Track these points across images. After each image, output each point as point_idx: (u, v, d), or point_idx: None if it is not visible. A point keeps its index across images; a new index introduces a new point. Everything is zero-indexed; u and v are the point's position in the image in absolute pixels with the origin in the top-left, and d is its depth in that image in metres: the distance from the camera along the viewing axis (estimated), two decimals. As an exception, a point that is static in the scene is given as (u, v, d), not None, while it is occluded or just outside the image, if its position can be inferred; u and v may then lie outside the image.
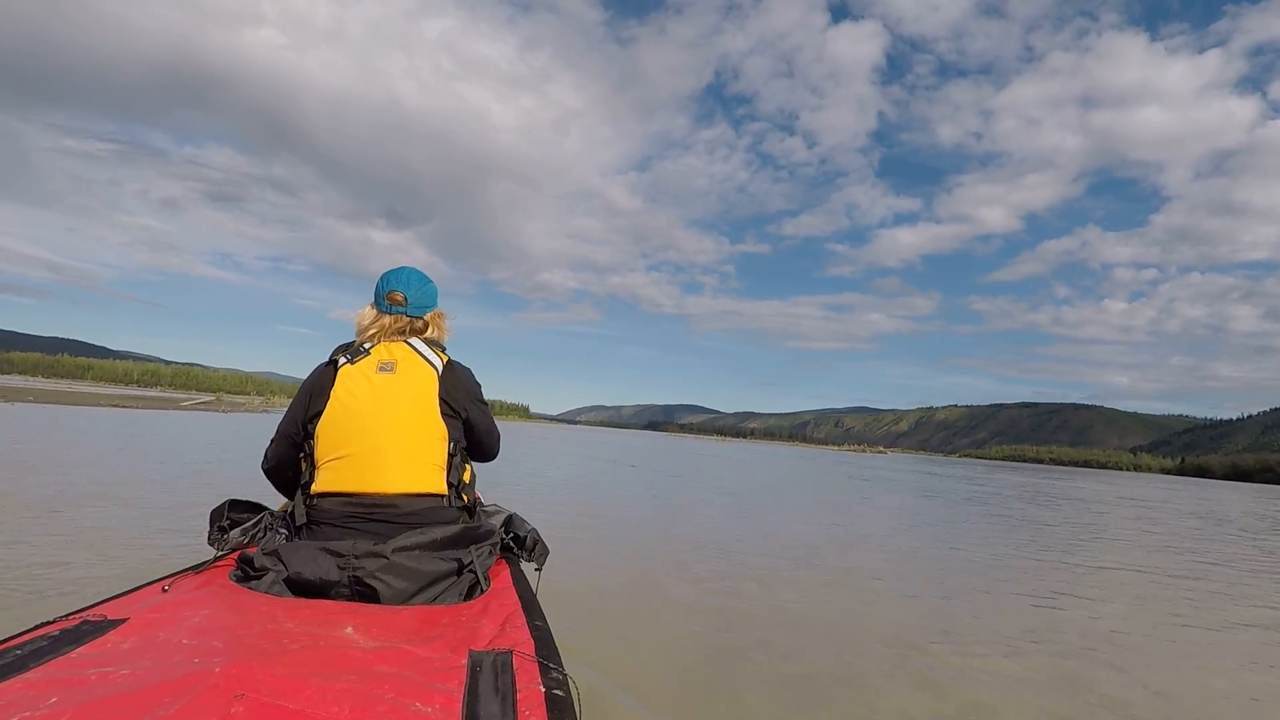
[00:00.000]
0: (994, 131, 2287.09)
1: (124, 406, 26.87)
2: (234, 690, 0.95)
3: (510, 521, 2.11)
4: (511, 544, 2.00)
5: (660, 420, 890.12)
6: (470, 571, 1.63)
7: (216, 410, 32.67)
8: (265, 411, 37.86)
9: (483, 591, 1.61)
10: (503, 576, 1.76)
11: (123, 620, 1.26)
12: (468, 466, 1.97)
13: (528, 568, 1.96)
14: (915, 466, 47.81)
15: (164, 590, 1.48)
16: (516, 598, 1.59)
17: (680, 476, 15.99)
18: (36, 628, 1.22)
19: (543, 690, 1.09)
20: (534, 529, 2.09)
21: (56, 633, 1.19)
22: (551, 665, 1.19)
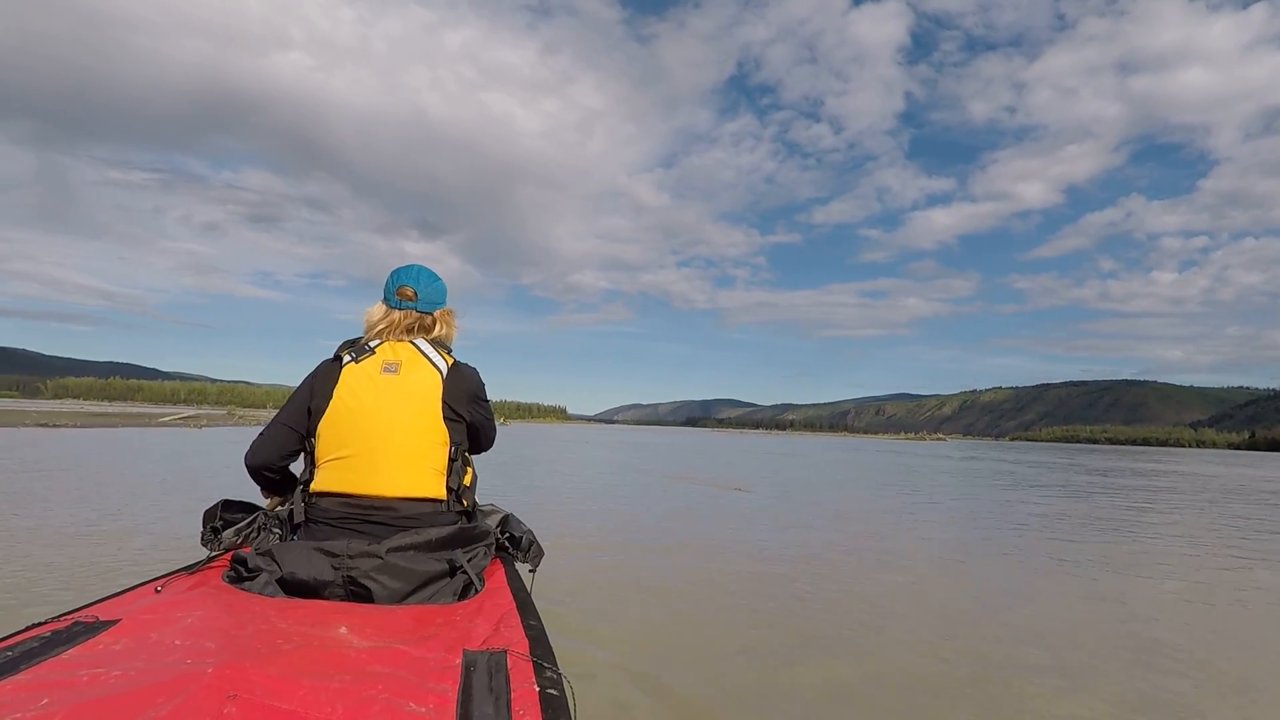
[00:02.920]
0: (1028, 104, 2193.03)
1: (55, 426, 22.61)
2: (226, 691, 0.94)
3: (506, 522, 2.08)
4: (507, 544, 1.99)
5: (698, 416, 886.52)
6: (464, 571, 1.62)
7: (190, 427, 28.47)
8: (260, 425, 35.15)
9: (477, 591, 1.60)
10: (497, 577, 1.75)
11: (115, 621, 1.26)
12: (469, 470, 1.95)
13: (522, 568, 1.96)
14: (990, 454, 43.92)
15: (156, 591, 1.48)
16: (511, 598, 1.58)
17: (828, 509, 9.98)
18: (28, 629, 1.21)
19: (537, 690, 1.09)
20: (529, 530, 2.07)
21: (48, 634, 1.19)
22: (546, 665, 1.18)
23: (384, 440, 1.76)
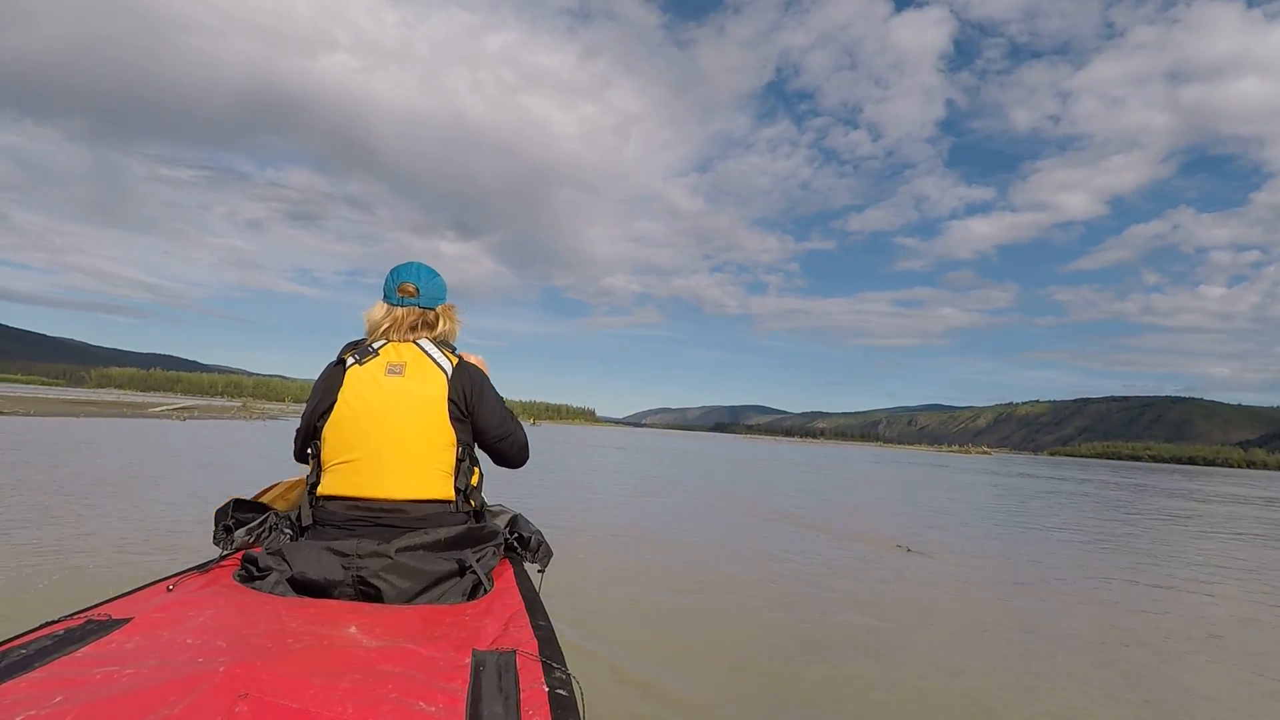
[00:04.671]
0: (1073, 113, 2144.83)
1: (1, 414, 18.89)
2: (238, 690, 0.95)
3: (515, 522, 2.08)
4: (515, 545, 1.98)
5: (727, 422, 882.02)
6: (473, 572, 1.62)
7: (174, 419, 25.27)
8: (265, 418, 31.26)
9: (486, 591, 1.60)
10: (506, 577, 1.75)
11: (127, 620, 1.26)
12: (476, 469, 1.94)
13: (531, 568, 1.95)
14: (1047, 471, 40.10)
15: (168, 590, 1.49)
16: (520, 598, 1.58)
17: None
18: (41, 627, 1.22)
19: (546, 690, 1.09)
20: (538, 530, 2.06)
21: (61, 632, 1.20)
22: (555, 665, 1.18)
23: (390, 443, 1.76)
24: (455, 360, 1.90)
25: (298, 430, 1.94)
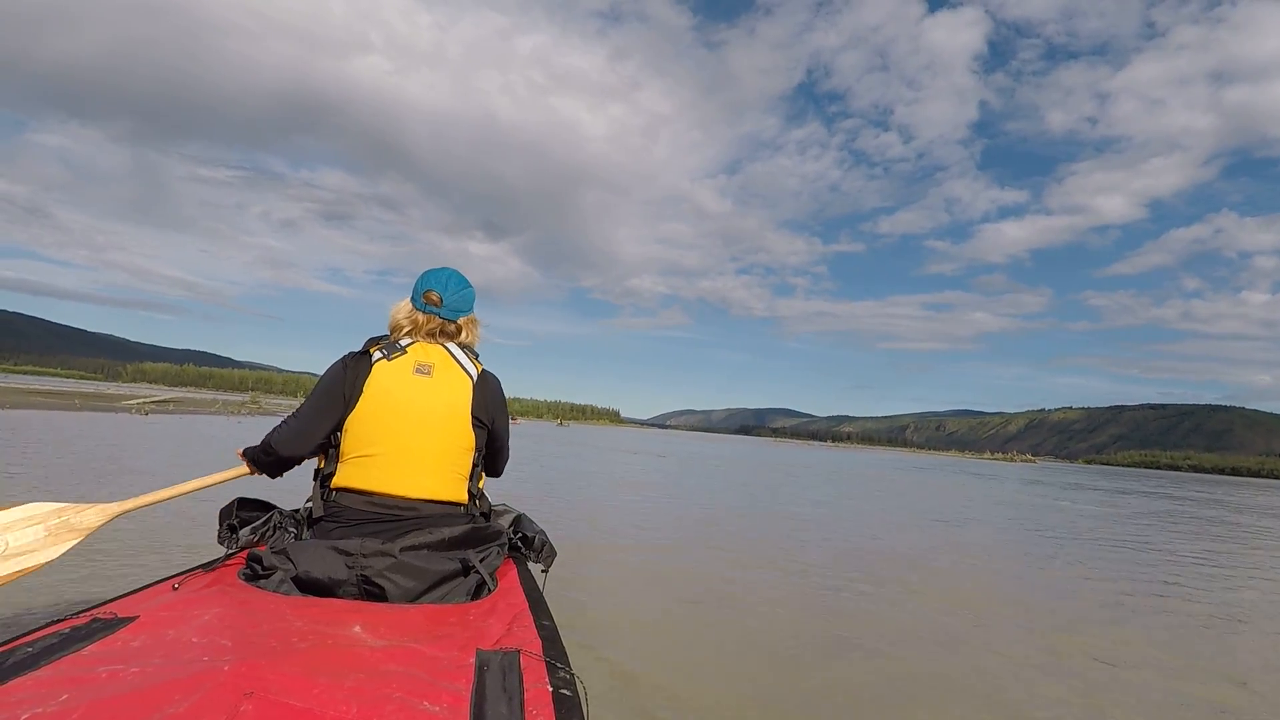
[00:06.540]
0: (1111, 115, 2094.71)
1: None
2: (243, 688, 0.95)
3: (518, 522, 2.10)
4: (519, 544, 2.00)
5: (752, 424, 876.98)
6: (477, 571, 1.63)
7: (135, 414, 22.20)
8: (256, 414, 28.43)
9: (490, 591, 1.61)
10: (510, 577, 1.76)
11: (133, 618, 1.27)
12: (483, 475, 1.99)
13: (535, 568, 1.97)
14: (1104, 482, 36.94)
15: (174, 588, 1.51)
16: (524, 598, 1.59)
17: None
18: (47, 625, 1.24)
19: (550, 689, 1.09)
20: (541, 530, 2.09)
21: (67, 630, 1.21)
22: (559, 665, 1.19)
23: (413, 442, 1.78)
24: (480, 368, 1.93)
25: (296, 416, 1.85)
